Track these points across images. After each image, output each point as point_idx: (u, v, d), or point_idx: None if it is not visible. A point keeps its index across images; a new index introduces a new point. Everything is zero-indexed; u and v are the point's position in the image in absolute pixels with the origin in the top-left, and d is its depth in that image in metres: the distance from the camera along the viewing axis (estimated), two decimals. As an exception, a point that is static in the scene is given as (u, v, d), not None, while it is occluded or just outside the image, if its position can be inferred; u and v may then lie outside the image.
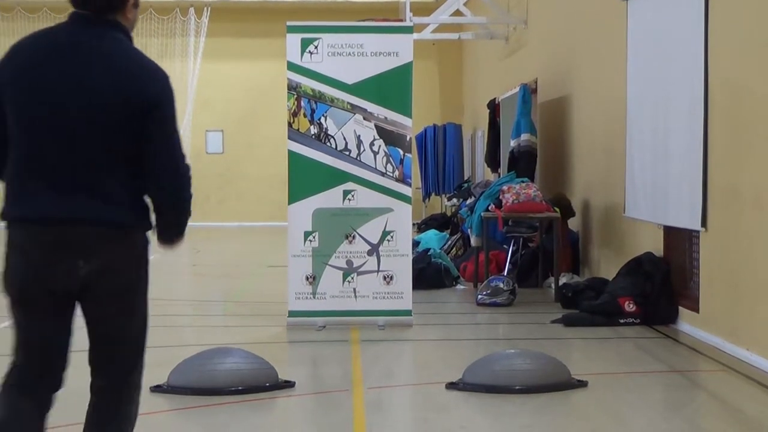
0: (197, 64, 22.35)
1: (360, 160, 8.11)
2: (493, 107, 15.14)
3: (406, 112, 8.10)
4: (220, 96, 22.72)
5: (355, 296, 8.07)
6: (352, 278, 8.07)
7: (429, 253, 11.21)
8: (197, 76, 22.37)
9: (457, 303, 9.98)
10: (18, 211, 3.29)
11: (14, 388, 3.37)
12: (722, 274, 7.13)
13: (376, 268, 8.13)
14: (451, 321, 9.09)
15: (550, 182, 12.61)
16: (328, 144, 8.11)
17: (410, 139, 8.27)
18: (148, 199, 3.36)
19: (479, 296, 9.51)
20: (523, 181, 10.59)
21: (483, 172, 17.80)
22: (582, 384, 5.92)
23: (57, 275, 3.26)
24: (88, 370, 3.39)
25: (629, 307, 8.20)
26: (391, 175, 8.11)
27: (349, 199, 8.12)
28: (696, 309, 7.66)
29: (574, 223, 11.20)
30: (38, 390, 3.39)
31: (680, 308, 8.08)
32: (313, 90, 8.08)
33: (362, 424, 5.15)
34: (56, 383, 3.43)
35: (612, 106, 9.88)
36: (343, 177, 8.11)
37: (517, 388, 5.70)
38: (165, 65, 3.36)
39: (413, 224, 11.95)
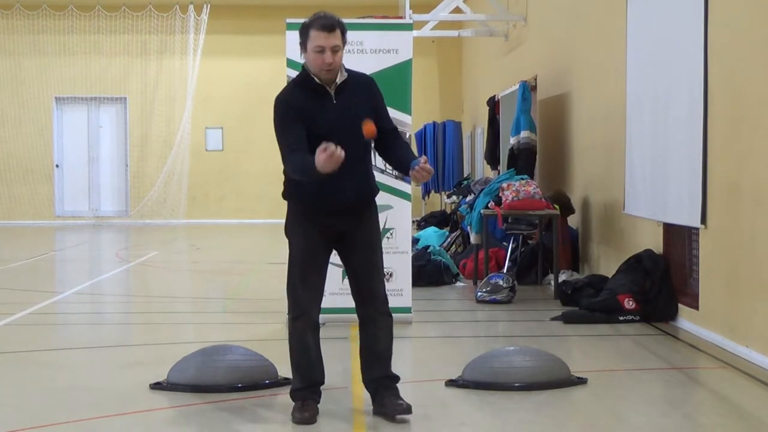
0: (197, 61, 22.37)
1: (359, 158, 8.09)
2: (493, 104, 15.14)
3: (406, 109, 8.10)
4: (219, 93, 22.72)
5: (355, 293, 8.05)
6: (352, 275, 8.05)
7: (428, 251, 11.21)
8: (197, 74, 22.38)
9: (457, 300, 9.98)
10: None
11: None
12: (722, 271, 7.13)
13: (376, 265, 8.10)
14: (451, 318, 9.09)
15: (549, 179, 12.61)
16: (328, 141, 8.08)
17: (410, 136, 8.27)
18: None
19: (479, 293, 9.51)
20: (522, 179, 10.59)
21: (482, 169, 17.80)
22: (581, 381, 5.92)
23: None
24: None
25: (629, 304, 8.20)
26: (391, 172, 8.10)
27: (349, 197, 8.09)
28: (695, 306, 7.66)
29: (573, 221, 11.20)
30: None
31: (680, 305, 8.09)
32: (312, 87, 8.06)
33: (362, 421, 5.15)
34: None
35: (611, 103, 9.88)
36: (342, 174, 8.08)
37: (517, 385, 5.71)
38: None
39: (413, 221, 11.96)
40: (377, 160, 6.56)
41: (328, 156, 4.66)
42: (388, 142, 5.21)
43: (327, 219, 5.09)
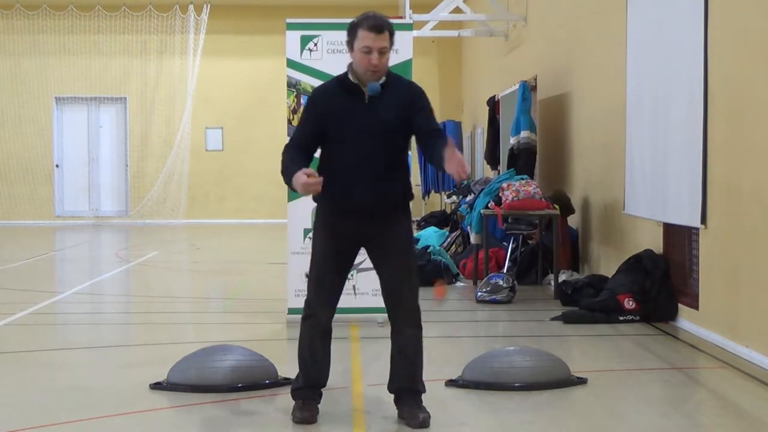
0: (197, 61, 22.37)
1: (359, 158, 8.08)
2: (493, 104, 15.14)
3: (406, 109, 8.09)
4: (219, 93, 22.72)
5: (355, 293, 8.06)
6: (352, 275, 8.04)
7: (428, 251, 11.21)
8: (197, 74, 22.39)
9: (457, 300, 9.97)
10: None
11: None
12: (722, 271, 7.13)
13: (376, 266, 8.10)
14: (451, 318, 9.09)
15: (549, 179, 12.62)
16: (328, 141, 8.08)
17: (410, 136, 8.26)
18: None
19: (479, 293, 9.51)
20: (522, 179, 10.60)
21: (482, 170, 17.80)
22: (582, 381, 5.93)
23: None
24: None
25: (629, 304, 8.20)
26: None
27: (349, 197, 8.09)
28: (695, 306, 7.66)
29: (573, 220, 11.20)
30: None
31: (680, 305, 8.09)
32: (312, 87, 8.07)
33: (361, 421, 5.15)
34: None
35: (611, 103, 9.88)
36: (342, 174, 8.08)
37: (517, 385, 5.71)
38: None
39: (413, 221, 11.95)
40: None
41: (306, 182, 4.70)
42: (430, 141, 4.98)
43: (344, 222, 5.04)
